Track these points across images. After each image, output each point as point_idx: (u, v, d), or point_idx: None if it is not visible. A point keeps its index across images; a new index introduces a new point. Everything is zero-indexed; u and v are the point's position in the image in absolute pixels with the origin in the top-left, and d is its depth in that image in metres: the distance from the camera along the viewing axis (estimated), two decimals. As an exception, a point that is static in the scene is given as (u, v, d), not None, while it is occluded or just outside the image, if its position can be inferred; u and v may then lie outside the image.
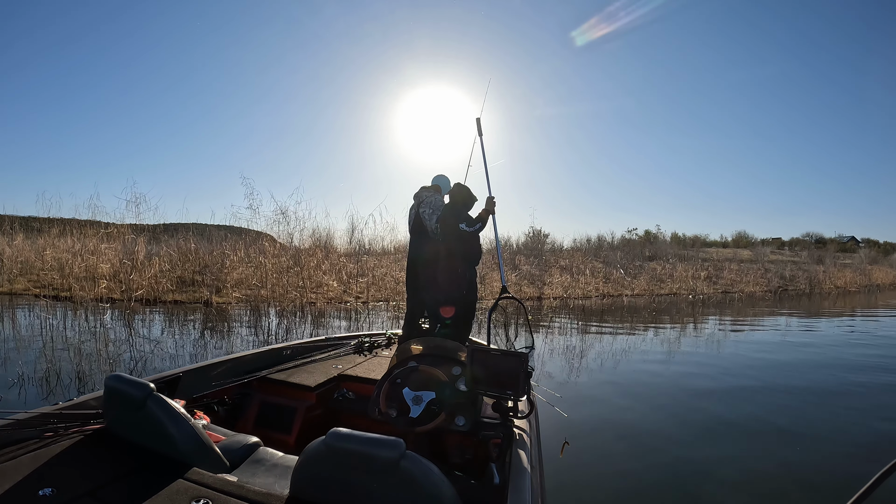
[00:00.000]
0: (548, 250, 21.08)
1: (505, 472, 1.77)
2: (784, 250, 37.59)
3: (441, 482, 1.31)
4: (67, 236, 12.88)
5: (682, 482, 3.30)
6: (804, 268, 26.16)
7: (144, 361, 5.63)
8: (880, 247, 45.54)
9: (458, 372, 2.22)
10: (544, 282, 16.18)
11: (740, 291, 19.71)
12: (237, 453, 1.78)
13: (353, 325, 9.17)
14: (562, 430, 3.70)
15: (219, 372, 2.62)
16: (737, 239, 42.86)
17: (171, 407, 1.61)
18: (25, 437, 1.61)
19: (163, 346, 6.48)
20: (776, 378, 6.18)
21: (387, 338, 3.79)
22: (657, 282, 19.08)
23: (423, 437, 2.06)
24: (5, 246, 13.67)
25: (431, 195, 4.06)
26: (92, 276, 11.26)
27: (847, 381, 6.12)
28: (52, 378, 4.81)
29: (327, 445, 1.30)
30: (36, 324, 7.71)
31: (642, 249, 25.83)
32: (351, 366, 3.06)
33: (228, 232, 14.97)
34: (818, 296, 20.37)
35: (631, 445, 3.87)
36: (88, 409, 1.85)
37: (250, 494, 1.38)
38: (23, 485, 1.34)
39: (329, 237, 15.26)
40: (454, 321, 3.59)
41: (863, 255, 36.00)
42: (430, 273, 3.80)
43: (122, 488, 1.37)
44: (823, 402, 5.23)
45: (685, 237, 36.02)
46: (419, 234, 4.09)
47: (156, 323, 8.51)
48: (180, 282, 11.94)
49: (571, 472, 3.25)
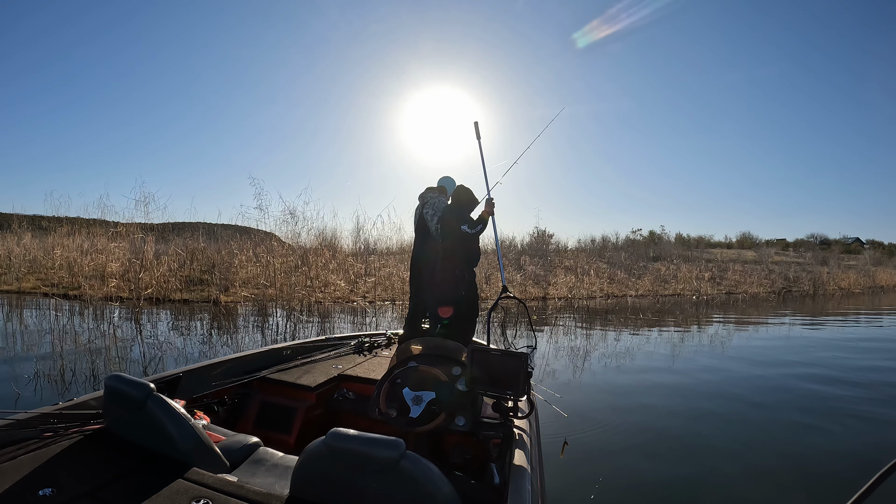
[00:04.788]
0: (552, 251, 21.01)
1: (505, 472, 1.77)
2: (788, 251, 37.31)
3: (441, 482, 1.31)
4: (76, 235, 12.95)
5: (682, 482, 3.28)
6: (808, 269, 25.97)
7: (159, 359, 5.67)
8: (885, 248, 45.17)
9: (458, 372, 2.21)
10: (549, 282, 16.14)
11: (744, 292, 19.60)
12: (237, 453, 1.78)
13: (359, 325, 9.18)
14: (562, 430, 3.70)
15: (219, 372, 2.63)
16: (741, 240, 42.60)
17: (171, 407, 1.61)
18: (25, 437, 1.62)
19: (173, 345, 6.52)
20: (778, 378, 6.15)
21: (387, 338, 3.79)
22: (661, 282, 19.02)
23: (423, 437, 2.05)
24: (14, 245, 13.77)
25: (436, 196, 4.07)
26: (101, 274, 11.34)
27: (848, 381, 6.08)
28: (66, 375, 4.89)
29: (327, 445, 1.30)
30: (46, 322, 7.77)
31: (647, 250, 25.73)
32: (351, 366, 3.06)
33: (235, 231, 15.02)
34: (822, 297, 20.22)
35: (631, 445, 3.85)
36: (88, 409, 1.86)
37: (250, 494, 1.38)
38: (23, 485, 1.34)
39: (335, 237, 15.31)
40: (452, 321, 3.59)
41: (867, 257, 35.70)
42: (429, 273, 3.81)
43: (122, 488, 1.37)
44: (824, 401, 5.20)
45: (689, 238, 35.80)
46: (422, 235, 4.10)
47: (165, 321, 8.55)
48: (188, 281, 11.98)
49: (571, 472, 3.24)
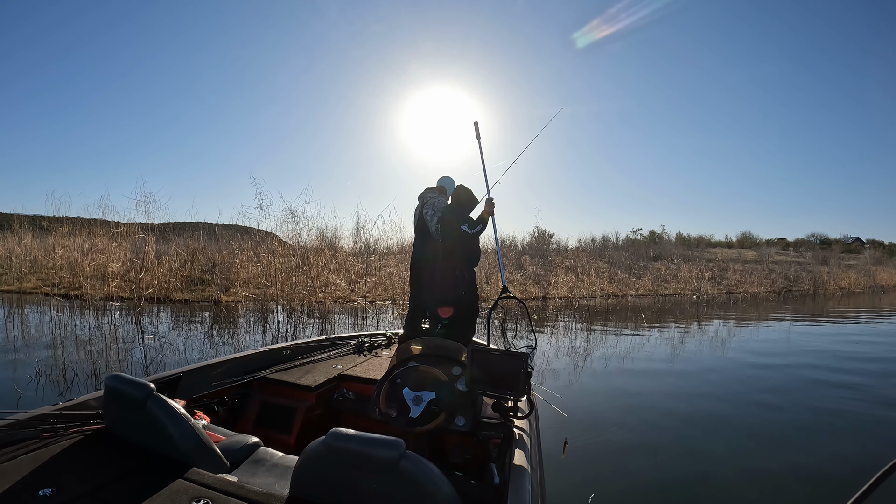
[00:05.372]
0: (553, 250, 21.03)
1: (505, 472, 1.77)
2: (789, 251, 37.32)
3: (441, 482, 1.31)
4: (77, 235, 12.96)
5: (683, 482, 3.29)
6: (808, 269, 25.97)
7: (160, 359, 5.68)
8: (885, 248, 45.15)
9: (458, 372, 2.21)
10: (549, 282, 16.14)
11: (744, 292, 19.60)
12: (237, 453, 1.78)
13: (360, 324, 9.18)
14: (562, 430, 3.70)
15: (219, 372, 2.62)
16: (742, 239, 42.60)
17: (171, 407, 1.61)
18: (25, 437, 1.61)
19: (174, 345, 6.53)
20: (779, 379, 6.15)
21: (387, 338, 3.79)
22: (661, 282, 19.01)
23: (423, 437, 2.05)
24: (15, 245, 13.77)
25: (435, 196, 4.07)
26: (102, 274, 11.35)
27: (848, 380, 6.08)
28: (68, 374, 4.90)
29: (327, 445, 1.30)
30: (47, 322, 7.77)
31: (647, 250, 25.72)
32: (351, 366, 3.05)
33: (236, 231, 15.04)
34: (822, 297, 20.23)
35: (632, 445, 3.85)
36: (88, 409, 1.85)
37: (250, 494, 1.38)
38: (23, 485, 1.34)
39: (336, 237, 15.31)
40: (452, 321, 3.59)
41: (867, 256, 35.69)
42: (429, 273, 3.81)
43: (122, 488, 1.37)
44: (824, 401, 5.20)
45: (690, 237, 35.82)
46: (422, 235, 4.10)
47: (166, 321, 8.57)
48: (189, 281, 11.99)
49: (572, 472, 3.24)
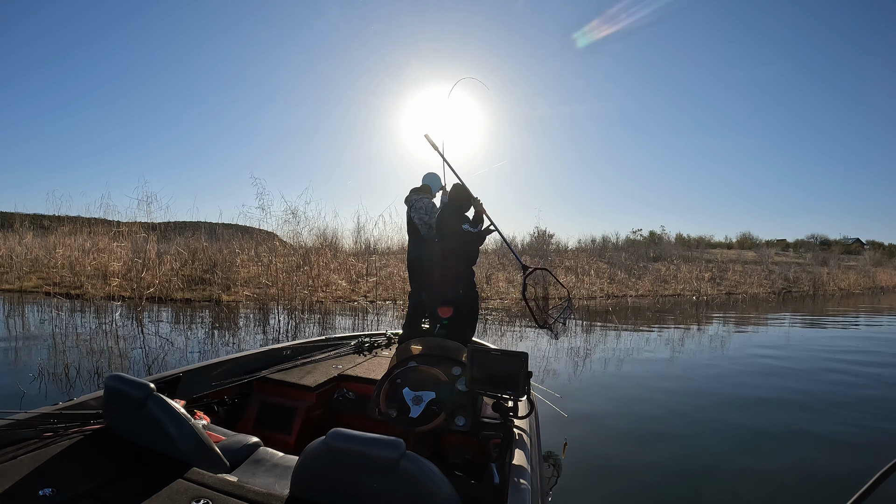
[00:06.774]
0: (553, 251, 21.03)
1: (505, 472, 1.77)
2: (789, 252, 37.30)
3: (441, 482, 1.31)
4: (78, 234, 12.96)
5: (683, 482, 3.29)
6: (808, 269, 25.94)
7: (161, 359, 5.68)
8: (885, 249, 45.07)
9: (457, 372, 2.21)
10: (549, 282, 16.09)
11: (744, 293, 19.59)
12: (237, 453, 1.78)
13: (361, 324, 9.18)
14: (562, 430, 3.70)
15: (219, 372, 2.62)
16: (741, 240, 42.57)
17: (171, 407, 1.61)
18: (25, 437, 1.61)
19: (175, 344, 6.53)
20: (778, 379, 6.15)
21: (387, 338, 3.79)
22: (661, 282, 19.00)
23: (423, 437, 2.05)
24: (16, 244, 13.77)
25: (419, 198, 4.05)
26: (103, 273, 11.34)
27: (848, 380, 6.09)
28: (70, 373, 4.90)
29: (327, 445, 1.30)
30: (48, 321, 7.77)
31: (647, 250, 25.73)
32: (351, 366, 3.06)
33: (237, 231, 15.03)
34: (822, 298, 20.23)
35: (631, 445, 3.86)
36: (88, 409, 1.86)
37: (250, 494, 1.38)
38: (23, 485, 1.34)
39: (336, 237, 15.29)
40: (452, 321, 3.58)
41: (867, 257, 35.66)
42: (429, 273, 3.81)
43: (122, 488, 1.37)
44: (824, 401, 5.21)
45: (690, 238, 35.86)
46: (416, 236, 4.10)
47: (167, 321, 8.56)
48: (190, 280, 11.98)
49: (572, 472, 3.24)
